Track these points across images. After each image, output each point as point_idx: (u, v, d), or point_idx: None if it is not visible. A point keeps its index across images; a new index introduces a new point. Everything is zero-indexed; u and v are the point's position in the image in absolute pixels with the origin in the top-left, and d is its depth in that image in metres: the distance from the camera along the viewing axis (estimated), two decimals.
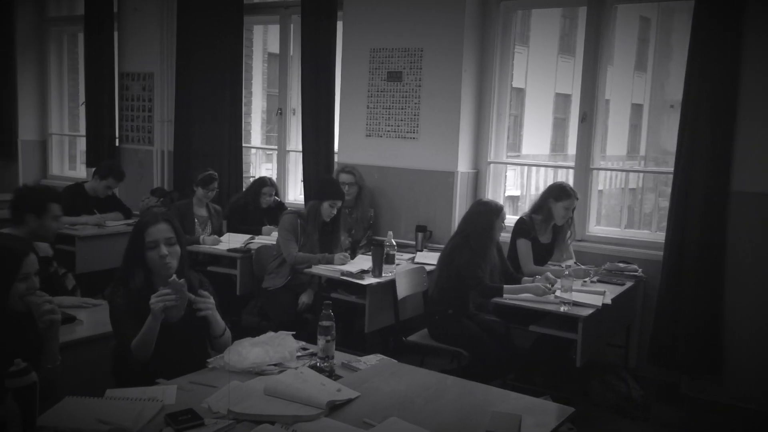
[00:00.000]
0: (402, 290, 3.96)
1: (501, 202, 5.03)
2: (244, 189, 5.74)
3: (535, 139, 13.91)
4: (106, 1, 6.48)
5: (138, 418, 1.93)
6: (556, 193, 4.19)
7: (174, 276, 2.40)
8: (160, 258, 2.48)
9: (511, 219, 4.45)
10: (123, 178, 5.47)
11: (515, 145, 10.55)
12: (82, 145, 7.16)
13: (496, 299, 3.68)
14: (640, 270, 4.28)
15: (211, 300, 2.51)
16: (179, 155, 6.15)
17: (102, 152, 6.56)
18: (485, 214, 3.85)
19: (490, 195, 5.03)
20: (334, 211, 4.32)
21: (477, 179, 5.14)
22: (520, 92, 13.30)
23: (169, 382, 2.26)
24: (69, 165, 7.71)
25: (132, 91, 6.55)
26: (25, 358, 2.01)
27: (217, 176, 5.14)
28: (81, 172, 7.37)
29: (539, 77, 14.05)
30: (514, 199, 7.68)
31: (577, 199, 4.24)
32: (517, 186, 8.50)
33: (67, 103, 7.68)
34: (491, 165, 5.13)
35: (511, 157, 5.98)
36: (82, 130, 7.01)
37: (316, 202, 4.33)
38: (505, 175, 5.32)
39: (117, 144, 6.70)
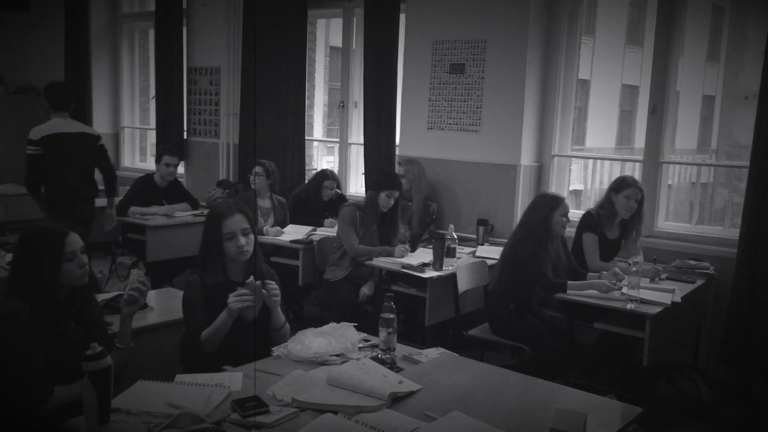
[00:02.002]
0: (463, 284, 3.94)
1: (565, 195, 4.94)
2: (306, 181, 5.81)
3: (600, 132, 13.57)
4: None
5: (206, 403, 1.98)
6: (617, 184, 4.11)
7: (251, 277, 2.48)
8: (237, 248, 2.55)
9: (574, 213, 4.36)
10: (176, 152, 5.51)
11: (579, 138, 10.33)
12: (152, 138, 7.39)
13: (560, 295, 3.62)
14: (711, 268, 4.13)
15: (278, 293, 2.57)
16: (244, 148, 6.28)
17: (171, 145, 6.75)
18: (542, 207, 3.80)
19: (553, 189, 4.94)
20: (391, 202, 4.32)
21: (540, 173, 5.06)
22: (584, 84, 12.99)
23: (235, 369, 2.31)
24: (140, 157, 7.98)
25: (200, 85, 6.72)
26: (80, 337, 2.10)
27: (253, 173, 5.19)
28: (151, 164, 7.58)
29: (605, 68, 13.67)
30: (577, 194, 7.53)
31: (641, 189, 4.10)
32: (580, 180, 8.33)
33: (138, 97, 7.95)
34: (555, 158, 5.03)
35: (575, 151, 5.86)
36: (152, 124, 7.24)
37: (374, 192, 4.37)
38: (570, 169, 5.21)
39: (185, 137, 6.89)
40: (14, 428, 2.16)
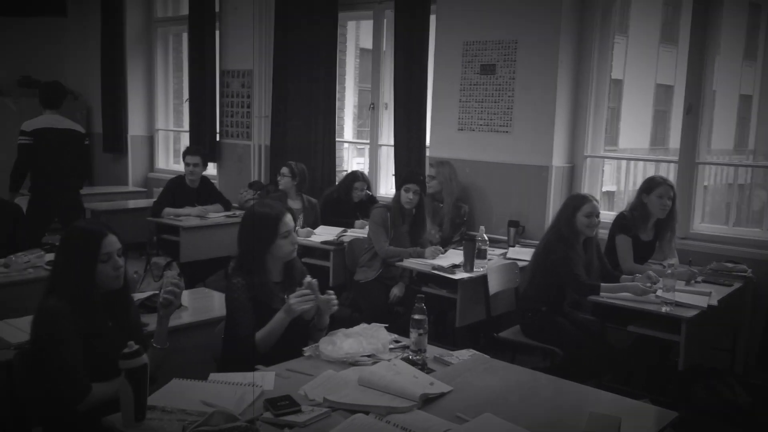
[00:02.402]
0: (494, 285, 3.92)
1: (597, 197, 4.88)
2: (336, 183, 5.84)
3: (634, 133, 13.38)
4: (209, 1, 6.75)
5: (239, 401, 2.01)
6: (645, 185, 4.05)
7: (309, 276, 2.54)
8: (291, 246, 2.64)
9: (606, 215, 4.31)
10: (196, 152, 5.59)
11: (612, 138, 10.20)
12: (185, 140, 7.50)
13: (593, 297, 3.58)
14: (749, 270, 4.04)
15: (336, 302, 2.65)
16: (275, 149, 6.33)
17: (204, 147, 6.84)
18: (567, 207, 3.77)
19: (586, 190, 4.89)
20: (410, 196, 4.30)
21: (572, 174, 5.01)
22: (618, 83, 12.82)
23: (267, 368, 2.34)
24: (174, 159, 8.09)
25: (232, 87, 6.80)
26: (118, 336, 2.14)
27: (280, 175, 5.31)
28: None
29: (639, 68, 13.48)
30: (610, 195, 7.43)
31: (671, 186, 4.03)
32: (613, 181, 8.22)
33: (172, 99, 8.07)
34: (588, 159, 4.98)
35: (608, 151, 5.79)
36: (186, 126, 7.34)
37: (396, 192, 4.41)
38: (602, 170, 5.15)
39: (218, 139, 6.97)
40: (54, 424, 2.22)
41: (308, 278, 2.53)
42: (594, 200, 3.80)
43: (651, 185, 4.02)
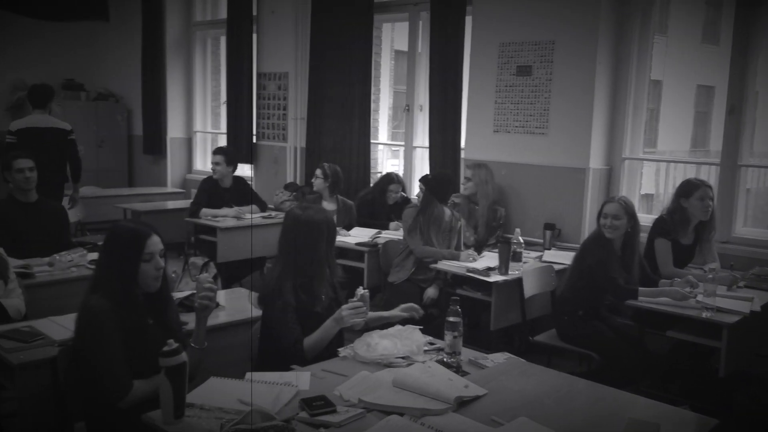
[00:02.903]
0: (529, 289, 3.89)
1: (636, 200, 4.81)
2: (371, 185, 5.85)
3: (674, 134, 13.10)
4: (246, 5, 6.84)
5: (276, 401, 2.03)
6: (685, 189, 3.96)
7: (361, 288, 2.58)
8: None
9: (644, 218, 4.24)
10: (219, 152, 5.66)
11: (651, 140, 10.02)
12: (222, 142, 7.61)
13: (631, 302, 3.52)
14: None
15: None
16: (311, 151, 6.38)
17: (241, 149, 6.93)
18: (599, 211, 3.71)
19: (624, 192, 4.82)
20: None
21: (610, 176, 4.94)
22: (657, 84, 12.59)
23: (303, 368, 2.36)
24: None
25: (268, 90, 6.88)
26: (158, 334, 2.18)
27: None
28: None
29: (679, 68, 13.21)
30: (648, 198, 7.31)
31: (710, 186, 3.95)
32: (652, 184, 8.08)
33: (210, 102, 8.20)
34: (626, 161, 4.91)
35: (647, 154, 5.69)
36: (223, 128, 7.45)
37: (427, 194, 4.42)
38: (641, 172, 5.07)
39: (254, 141, 7.06)
40: (96, 420, 2.27)
41: (361, 290, 2.54)
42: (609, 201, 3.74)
43: (690, 188, 3.94)
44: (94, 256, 3.11)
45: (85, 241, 5.26)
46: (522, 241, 4.18)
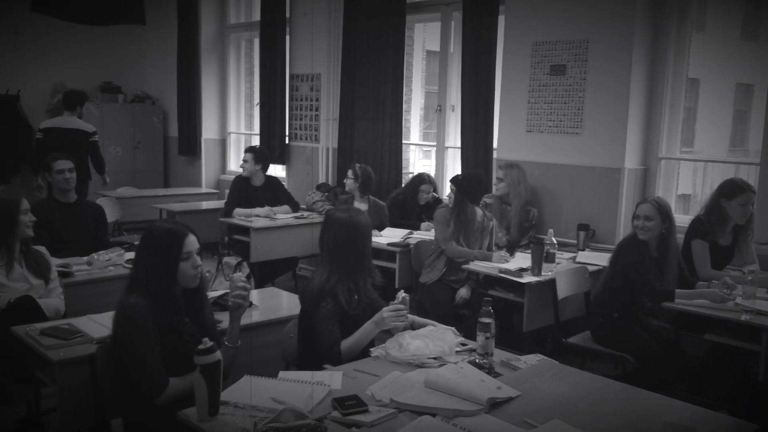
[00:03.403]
0: (562, 290, 3.85)
1: (672, 201, 4.73)
2: (402, 185, 5.86)
3: (711, 134, 12.84)
4: (280, 7, 6.90)
5: (308, 399, 2.05)
6: (728, 190, 3.85)
7: (402, 291, 2.59)
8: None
9: (681, 219, 4.17)
10: (249, 150, 5.74)
11: (688, 139, 9.83)
12: (256, 142, 7.68)
13: (667, 304, 3.46)
14: None
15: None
16: (343, 152, 6.41)
17: (273, 149, 6.99)
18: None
19: (660, 193, 4.74)
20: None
21: (646, 176, 4.86)
22: (694, 83, 12.35)
23: (335, 368, 2.37)
24: None
25: (301, 91, 6.93)
26: (194, 332, 2.21)
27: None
28: None
29: (718, 66, 12.94)
30: (686, 198, 7.18)
31: (754, 192, 3.86)
32: (689, 184, 7.93)
33: (244, 103, 8.30)
34: (662, 161, 4.82)
35: (684, 153, 5.59)
36: (257, 129, 7.52)
37: (458, 194, 4.40)
38: (678, 172, 4.98)
39: (287, 141, 7.11)
40: (133, 416, 2.31)
41: (402, 293, 2.54)
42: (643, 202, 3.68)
43: (734, 191, 3.83)
44: (131, 255, 3.16)
45: (123, 240, 5.38)
46: (555, 241, 4.14)
